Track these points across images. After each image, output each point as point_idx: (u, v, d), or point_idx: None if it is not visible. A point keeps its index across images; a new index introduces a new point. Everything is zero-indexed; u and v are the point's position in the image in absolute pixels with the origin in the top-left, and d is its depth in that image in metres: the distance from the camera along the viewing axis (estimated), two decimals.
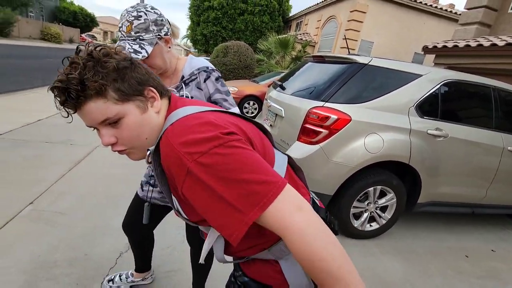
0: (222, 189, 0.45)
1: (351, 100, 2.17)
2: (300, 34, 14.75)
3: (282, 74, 6.96)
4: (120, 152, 0.58)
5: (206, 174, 0.45)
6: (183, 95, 1.00)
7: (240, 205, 0.45)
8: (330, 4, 13.20)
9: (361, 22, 11.35)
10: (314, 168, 2.15)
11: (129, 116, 0.53)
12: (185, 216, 0.61)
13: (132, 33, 0.90)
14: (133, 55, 0.86)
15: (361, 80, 2.22)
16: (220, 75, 1.08)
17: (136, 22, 0.89)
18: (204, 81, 1.02)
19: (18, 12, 23.06)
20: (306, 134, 2.17)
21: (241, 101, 6.67)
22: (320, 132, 2.09)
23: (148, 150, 0.56)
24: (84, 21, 31.94)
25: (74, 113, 0.52)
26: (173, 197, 0.60)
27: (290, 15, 19.38)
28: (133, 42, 0.89)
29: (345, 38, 4.06)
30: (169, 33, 0.99)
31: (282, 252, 0.62)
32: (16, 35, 22.96)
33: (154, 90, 0.59)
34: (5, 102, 4.81)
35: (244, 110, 6.76)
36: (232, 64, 10.05)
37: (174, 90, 1.03)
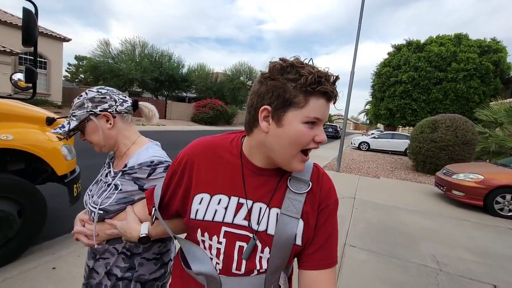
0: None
1: None
2: None
3: None
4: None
5: (336, 210, 0.69)
6: (115, 184, 0.86)
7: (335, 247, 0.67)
8: None
9: None
10: None
11: None
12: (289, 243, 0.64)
13: (71, 110, 0.90)
14: (57, 129, 0.88)
15: None
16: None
17: (75, 101, 0.90)
18: (148, 176, 0.85)
19: (238, 107, 32.49)
20: None
21: (490, 194, 4.88)
22: None
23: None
24: None
25: (331, 100, 0.60)
26: (297, 223, 0.64)
27: None
28: (68, 119, 0.89)
29: None
30: (110, 110, 0.89)
31: None
32: (235, 123, 31.98)
33: None
34: None
35: (496, 207, 4.85)
36: (445, 140, 8.32)
37: (112, 172, 0.90)
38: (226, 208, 0.65)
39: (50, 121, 2.53)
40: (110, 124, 0.90)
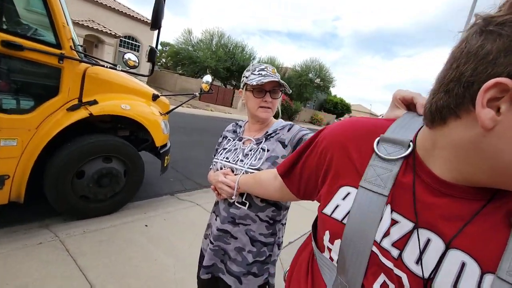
0: None
1: None
2: None
3: None
4: None
5: None
6: (262, 148, 0.99)
7: None
8: None
9: None
10: None
11: None
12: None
13: (278, 75, 1.00)
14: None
15: None
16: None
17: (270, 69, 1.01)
18: (288, 130, 1.01)
19: (302, 104, 32.03)
20: None
21: None
22: None
23: None
24: (341, 109, 38.61)
25: None
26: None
27: None
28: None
29: None
30: None
31: None
32: (297, 119, 31.71)
33: None
34: None
35: None
36: None
37: (253, 140, 1.02)
38: None
39: (155, 97, 2.87)
40: None
